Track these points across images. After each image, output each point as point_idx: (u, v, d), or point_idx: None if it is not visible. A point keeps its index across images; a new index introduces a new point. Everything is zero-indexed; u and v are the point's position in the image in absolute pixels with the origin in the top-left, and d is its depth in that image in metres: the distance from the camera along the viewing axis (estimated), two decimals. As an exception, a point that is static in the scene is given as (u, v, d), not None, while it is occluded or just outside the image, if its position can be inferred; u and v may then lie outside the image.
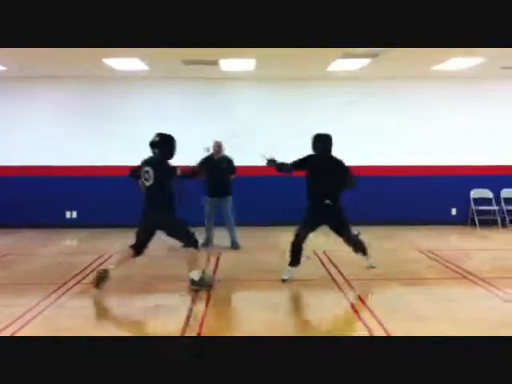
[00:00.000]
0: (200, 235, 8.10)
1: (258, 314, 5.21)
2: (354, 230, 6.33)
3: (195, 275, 5.68)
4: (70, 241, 9.34)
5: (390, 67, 9.19)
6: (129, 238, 6.03)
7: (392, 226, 10.13)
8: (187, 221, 5.85)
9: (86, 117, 10.24)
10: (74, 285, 6.00)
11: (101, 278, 5.56)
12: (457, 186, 10.50)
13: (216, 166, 8.09)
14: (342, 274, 6.44)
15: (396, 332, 4.36)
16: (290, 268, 6.21)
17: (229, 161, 8.32)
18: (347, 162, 6.03)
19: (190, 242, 5.71)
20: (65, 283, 6.05)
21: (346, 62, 8.58)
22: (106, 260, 7.17)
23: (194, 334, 4.38)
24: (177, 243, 5.88)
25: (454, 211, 10.69)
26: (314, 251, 7.47)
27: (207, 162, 8.14)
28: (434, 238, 9.22)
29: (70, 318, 4.97)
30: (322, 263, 7.06)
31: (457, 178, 10.48)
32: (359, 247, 6.34)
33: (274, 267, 6.36)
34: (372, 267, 6.39)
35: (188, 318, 4.83)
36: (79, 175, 10.17)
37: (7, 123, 10.26)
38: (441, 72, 9.58)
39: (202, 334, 4.40)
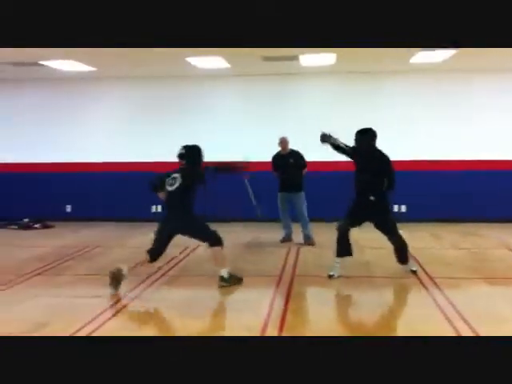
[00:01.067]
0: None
1: (336, 312, 5.19)
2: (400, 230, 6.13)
3: (225, 272, 5.71)
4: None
5: (475, 59, 8.76)
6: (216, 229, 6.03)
7: (477, 223, 9.68)
8: (206, 218, 5.87)
9: (165, 115, 10.61)
10: (158, 278, 6.17)
11: (114, 278, 5.39)
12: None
13: (284, 161, 8.11)
14: (426, 272, 6.24)
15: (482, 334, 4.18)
16: (337, 259, 6.09)
17: (298, 155, 8.20)
18: (434, 157, 5.77)
19: (214, 240, 5.73)
20: (150, 275, 6.15)
21: (430, 54, 8.30)
22: (191, 251, 7.37)
23: (276, 330, 4.39)
24: None
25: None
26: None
27: (276, 158, 8.24)
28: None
29: (155, 310, 5.16)
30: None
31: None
32: (401, 253, 6.11)
33: (349, 264, 6.23)
34: (412, 271, 6.14)
35: (269, 313, 4.83)
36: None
37: (89, 121, 10.82)
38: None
39: (283, 331, 4.39)
